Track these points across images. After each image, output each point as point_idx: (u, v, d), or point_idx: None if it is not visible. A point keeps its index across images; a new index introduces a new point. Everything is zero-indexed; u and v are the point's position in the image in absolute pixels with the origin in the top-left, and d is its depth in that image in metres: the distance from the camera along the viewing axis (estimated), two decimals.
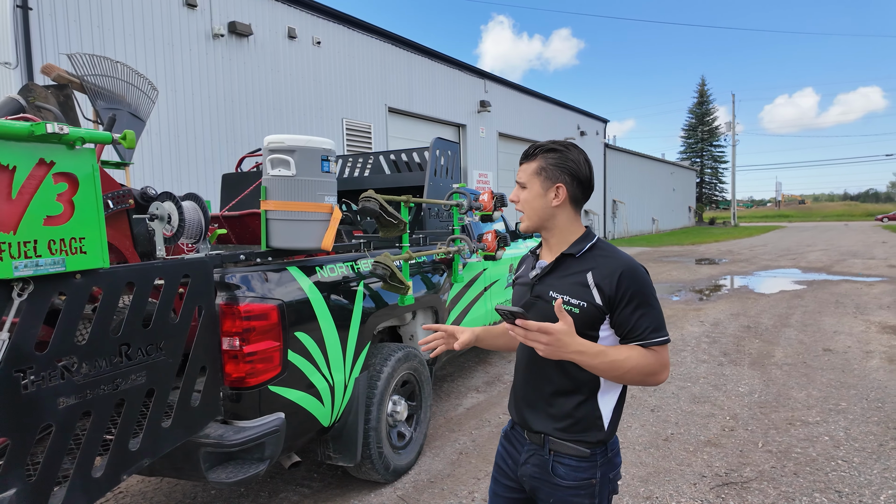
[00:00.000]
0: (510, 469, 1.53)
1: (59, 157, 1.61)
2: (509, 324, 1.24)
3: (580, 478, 1.38)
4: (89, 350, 1.72)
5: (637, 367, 1.27)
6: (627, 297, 1.31)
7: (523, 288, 1.50)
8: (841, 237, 24.34)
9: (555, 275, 1.41)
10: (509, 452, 1.54)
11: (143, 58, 7.91)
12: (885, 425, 3.77)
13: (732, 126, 43.17)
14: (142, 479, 3.31)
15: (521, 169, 1.45)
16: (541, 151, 1.42)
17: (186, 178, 8.46)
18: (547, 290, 1.40)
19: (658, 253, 18.36)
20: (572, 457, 1.39)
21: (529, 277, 1.48)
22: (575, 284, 1.36)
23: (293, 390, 2.46)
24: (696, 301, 8.90)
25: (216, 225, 3.16)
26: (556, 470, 1.40)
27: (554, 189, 1.40)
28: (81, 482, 1.72)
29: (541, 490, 1.43)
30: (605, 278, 1.33)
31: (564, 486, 1.39)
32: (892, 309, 7.70)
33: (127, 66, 3.19)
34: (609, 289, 1.32)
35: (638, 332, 1.30)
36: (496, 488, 1.57)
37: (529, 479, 1.45)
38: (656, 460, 3.36)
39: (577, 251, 1.40)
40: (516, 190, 1.46)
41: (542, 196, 1.40)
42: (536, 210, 1.42)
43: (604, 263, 1.36)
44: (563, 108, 21.84)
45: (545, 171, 1.40)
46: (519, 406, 1.50)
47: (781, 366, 5.19)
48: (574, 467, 1.38)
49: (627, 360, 1.27)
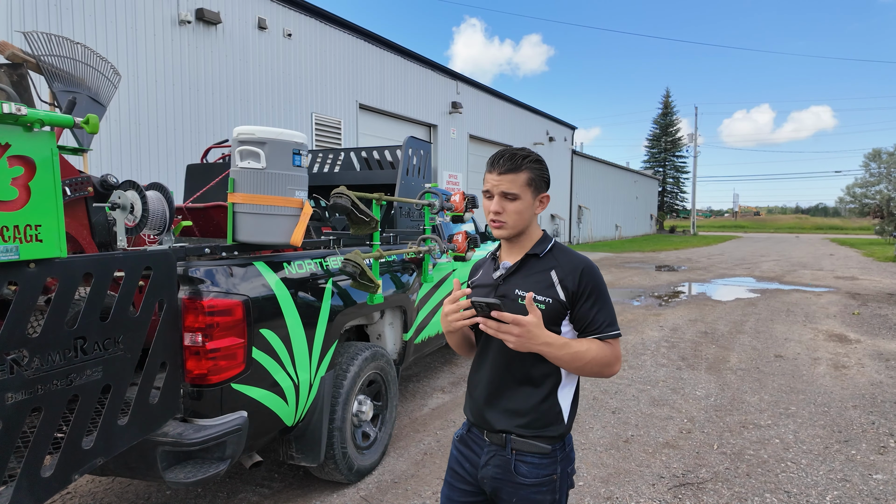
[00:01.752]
0: (467, 473, 1.52)
1: (14, 139, 1.52)
2: (482, 316, 1.27)
3: (542, 475, 1.42)
4: (41, 343, 1.63)
5: (596, 358, 1.36)
6: (587, 293, 1.40)
7: (485, 290, 1.51)
8: (792, 248, 25.43)
9: (519, 274, 1.46)
10: (466, 456, 1.54)
11: (104, 41, 7.60)
12: (830, 429, 3.95)
13: (695, 138, 44.54)
14: (92, 479, 3.18)
15: (505, 180, 1.40)
16: (528, 162, 1.43)
17: (147, 168, 8.17)
18: (512, 289, 1.44)
19: (620, 259, 18.78)
20: (534, 454, 1.42)
21: (493, 278, 1.50)
22: (540, 282, 1.42)
23: (257, 388, 2.40)
24: (656, 306, 9.14)
25: (180, 217, 3.07)
26: (519, 468, 1.42)
27: (539, 199, 1.46)
28: (28, 482, 1.63)
29: (503, 490, 1.44)
30: (567, 276, 1.41)
31: (527, 483, 1.41)
32: (839, 318, 8.09)
33: (87, 47, 3.05)
34: (572, 285, 1.40)
35: (596, 326, 1.39)
36: (451, 494, 1.55)
37: (491, 481, 1.46)
38: (616, 461, 3.43)
39: (540, 251, 1.47)
40: (500, 201, 1.41)
41: (531, 206, 1.44)
42: (524, 219, 1.44)
43: (565, 262, 1.44)
44: (533, 113, 22.11)
45: (535, 182, 1.43)
46: (479, 407, 1.50)
47: (736, 371, 5.38)
48: (536, 465, 1.42)
49: (588, 352, 1.35)
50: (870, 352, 6.13)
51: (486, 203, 1.45)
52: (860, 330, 7.28)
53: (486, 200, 1.45)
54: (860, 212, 26.17)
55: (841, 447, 3.64)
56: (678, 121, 56.90)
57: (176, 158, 8.56)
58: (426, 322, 4.17)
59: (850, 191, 26.18)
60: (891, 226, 21.94)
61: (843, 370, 5.41)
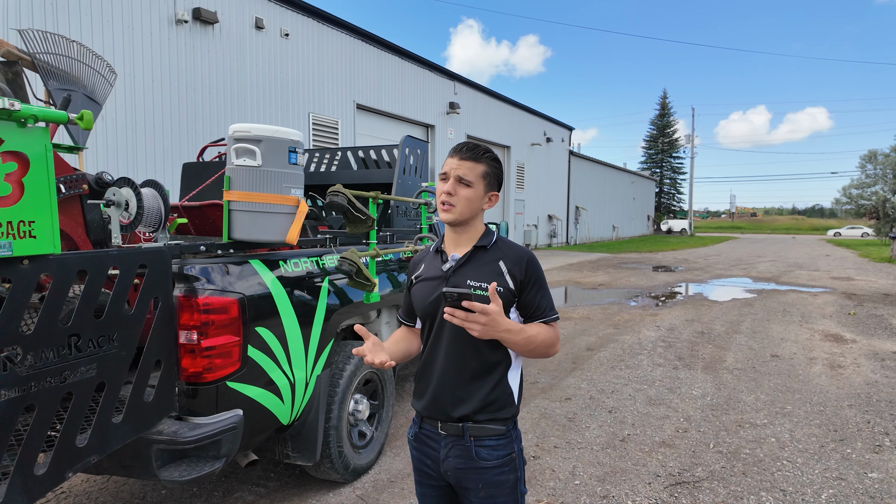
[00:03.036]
0: (431, 469, 1.54)
1: (8, 134, 1.51)
2: (450, 306, 1.32)
3: (502, 455, 1.48)
4: (35, 340, 1.62)
5: (544, 341, 1.46)
6: (532, 281, 1.49)
7: (433, 282, 1.53)
8: (789, 249, 25.51)
9: (469, 265, 1.51)
10: (425, 453, 1.55)
11: (101, 39, 7.58)
12: (826, 428, 3.96)
13: (692, 139, 44.68)
14: (87, 478, 3.16)
15: (464, 166, 1.47)
16: (488, 158, 1.51)
17: (143, 167, 8.15)
18: (464, 280, 1.48)
19: (617, 259, 18.81)
20: (491, 437, 1.48)
21: (443, 270, 1.54)
22: (490, 272, 1.48)
23: (252, 387, 2.39)
24: (652, 307, 9.16)
25: (175, 215, 3.06)
26: (479, 453, 1.47)
27: (489, 195, 1.54)
28: (22, 480, 1.62)
29: (467, 479, 1.47)
30: (514, 265, 1.49)
31: (490, 466, 1.47)
32: (834, 318, 8.11)
33: (83, 45, 3.04)
34: (520, 274, 1.48)
35: (541, 311, 1.50)
36: (424, 491, 1.59)
37: (454, 472, 1.49)
38: (613, 460, 3.43)
39: (487, 243, 1.53)
40: (454, 183, 1.48)
41: (481, 198, 1.51)
42: (472, 209, 1.50)
43: (511, 253, 1.52)
44: (531, 113, 22.13)
45: (489, 178, 1.52)
46: (434, 401, 1.51)
47: (732, 370, 5.39)
48: (494, 446, 1.48)
49: (538, 336, 1.45)
50: (865, 352, 6.15)
51: (440, 185, 1.50)
52: (856, 330, 7.30)
53: (441, 182, 1.51)
54: (856, 213, 26.26)
55: (836, 446, 3.65)
56: (675, 122, 57.08)
57: (172, 157, 8.54)
58: None
59: (847, 192, 26.27)
60: (886, 227, 22.02)
61: (838, 370, 5.42)
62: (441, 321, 1.49)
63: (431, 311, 1.52)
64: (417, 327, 1.67)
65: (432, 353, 1.54)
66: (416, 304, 1.57)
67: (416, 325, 1.67)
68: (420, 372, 1.58)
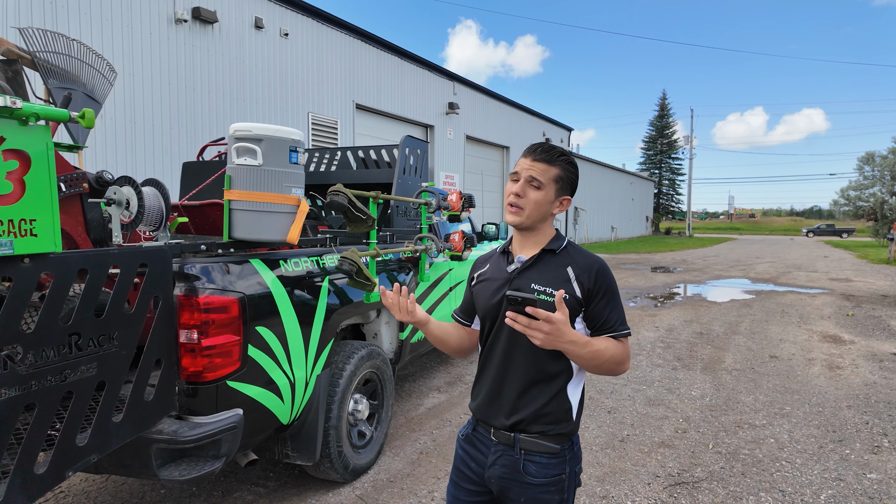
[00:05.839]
0: (474, 472, 1.50)
1: (9, 132, 1.51)
2: (513, 311, 1.23)
3: (551, 474, 1.40)
4: (36, 339, 1.62)
5: (612, 357, 1.35)
6: (602, 291, 1.40)
7: (496, 283, 1.48)
8: (787, 250, 25.55)
9: (535, 269, 1.44)
10: (472, 455, 1.51)
11: (100, 38, 7.57)
12: (824, 428, 3.96)
13: (690, 140, 44.69)
14: (86, 478, 3.16)
15: (537, 167, 1.41)
16: (563, 161, 1.44)
17: (142, 166, 8.14)
18: (528, 283, 1.42)
19: (616, 260, 18.82)
20: (542, 454, 1.40)
21: (507, 272, 1.48)
22: (556, 278, 1.41)
23: (252, 386, 2.39)
24: (651, 307, 9.17)
25: (176, 214, 3.05)
26: (527, 468, 1.40)
27: (561, 199, 1.46)
28: (22, 479, 1.62)
29: (511, 490, 1.42)
30: (583, 273, 1.40)
31: (536, 483, 1.39)
32: (833, 319, 8.13)
33: (83, 44, 3.04)
34: (588, 282, 1.39)
35: (610, 325, 1.39)
36: (457, 493, 1.53)
37: (498, 481, 1.43)
38: (612, 461, 3.43)
39: (556, 247, 1.45)
40: (524, 185, 1.41)
41: (551, 202, 1.44)
42: (541, 212, 1.43)
43: (580, 260, 1.43)
44: (530, 114, 22.13)
45: (562, 182, 1.44)
46: (488, 405, 1.48)
47: (731, 371, 5.40)
48: (545, 464, 1.40)
49: (606, 351, 1.34)
50: (864, 353, 6.16)
51: (510, 186, 1.44)
52: (854, 331, 7.31)
53: (511, 183, 1.44)
54: (854, 214, 26.29)
55: (835, 447, 3.66)
56: (674, 123, 57.16)
57: (171, 157, 8.53)
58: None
59: (844, 193, 26.30)
60: (885, 228, 22.05)
61: (837, 371, 5.43)
62: (501, 324, 1.43)
63: (493, 313, 1.47)
64: (471, 327, 1.63)
65: (489, 356, 1.49)
66: (478, 304, 1.53)
67: (471, 324, 1.63)
68: (477, 374, 1.54)
